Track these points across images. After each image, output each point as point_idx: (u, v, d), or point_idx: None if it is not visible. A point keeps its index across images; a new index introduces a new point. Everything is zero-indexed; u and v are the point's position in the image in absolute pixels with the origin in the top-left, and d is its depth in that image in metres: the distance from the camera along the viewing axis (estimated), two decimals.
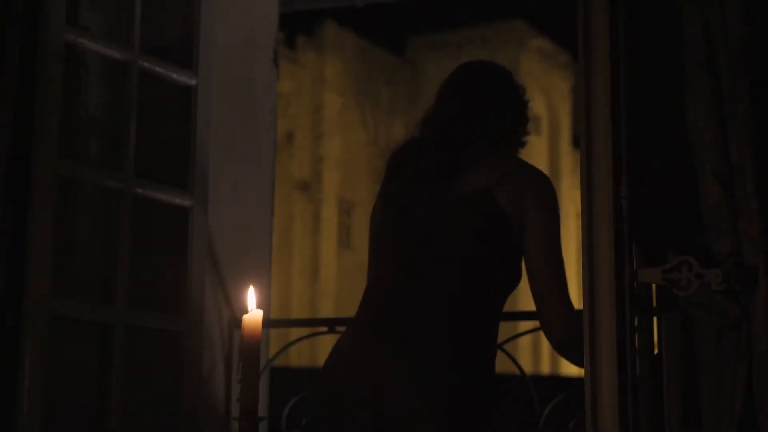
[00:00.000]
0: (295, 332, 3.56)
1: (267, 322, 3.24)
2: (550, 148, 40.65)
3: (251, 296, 2.52)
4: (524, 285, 2.25)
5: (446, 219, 2.24)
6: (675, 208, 2.10)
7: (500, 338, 3.03)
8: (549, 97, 40.76)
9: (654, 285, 2.09)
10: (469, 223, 2.22)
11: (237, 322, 3.21)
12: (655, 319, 2.11)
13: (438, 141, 2.33)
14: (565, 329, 2.19)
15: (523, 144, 2.43)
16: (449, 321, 2.17)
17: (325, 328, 3.33)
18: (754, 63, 2.02)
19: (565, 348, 2.22)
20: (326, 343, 2.61)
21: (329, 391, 2.20)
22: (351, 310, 2.39)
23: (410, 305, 2.19)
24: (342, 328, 2.64)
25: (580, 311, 2.11)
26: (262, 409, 3.30)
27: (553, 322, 2.20)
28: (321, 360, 2.36)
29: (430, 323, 2.16)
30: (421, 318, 2.17)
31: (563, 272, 2.22)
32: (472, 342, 2.19)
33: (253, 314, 3.01)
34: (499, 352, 3.01)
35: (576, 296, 2.19)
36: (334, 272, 36.04)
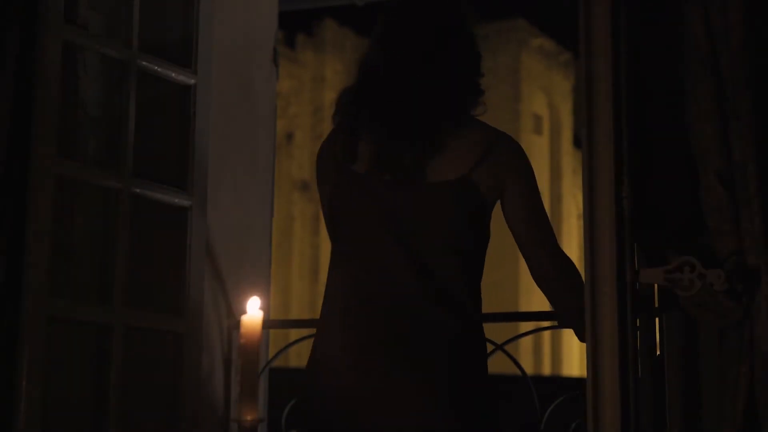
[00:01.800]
0: (295, 333, 3.54)
1: (266, 323, 3.22)
2: (551, 147, 40.63)
3: (253, 304, 2.49)
4: (528, 285, 2.25)
5: (426, 212, 2.16)
6: (677, 208, 2.09)
7: (501, 339, 3.02)
8: (550, 97, 40.75)
9: (656, 285, 2.09)
10: (452, 218, 2.17)
11: (236, 323, 3.20)
12: (656, 319, 2.11)
13: (398, 112, 2.18)
14: (558, 268, 2.24)
15: (482, 93, 2.27)
16: (442, 322, 2.13)
17: None
18: (756, 62, 2.02)
19: (559, 292, 2.25)
20: None
21: (323, 401, 2.15)
22: None
23: (399, 306, 2.14)
24: None
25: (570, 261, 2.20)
26: (261, 410, 3.29)
27: (546, 264, 2.23)
28: None
29: (421, 325, 2.12)
30: (412, 320, 2.13)
31: (549, 226, 2.25)
32: (466, 342, 2.16)
33: (253, 315, 3.00)
34: (499, 353, 3.00)
35: None
36: None
